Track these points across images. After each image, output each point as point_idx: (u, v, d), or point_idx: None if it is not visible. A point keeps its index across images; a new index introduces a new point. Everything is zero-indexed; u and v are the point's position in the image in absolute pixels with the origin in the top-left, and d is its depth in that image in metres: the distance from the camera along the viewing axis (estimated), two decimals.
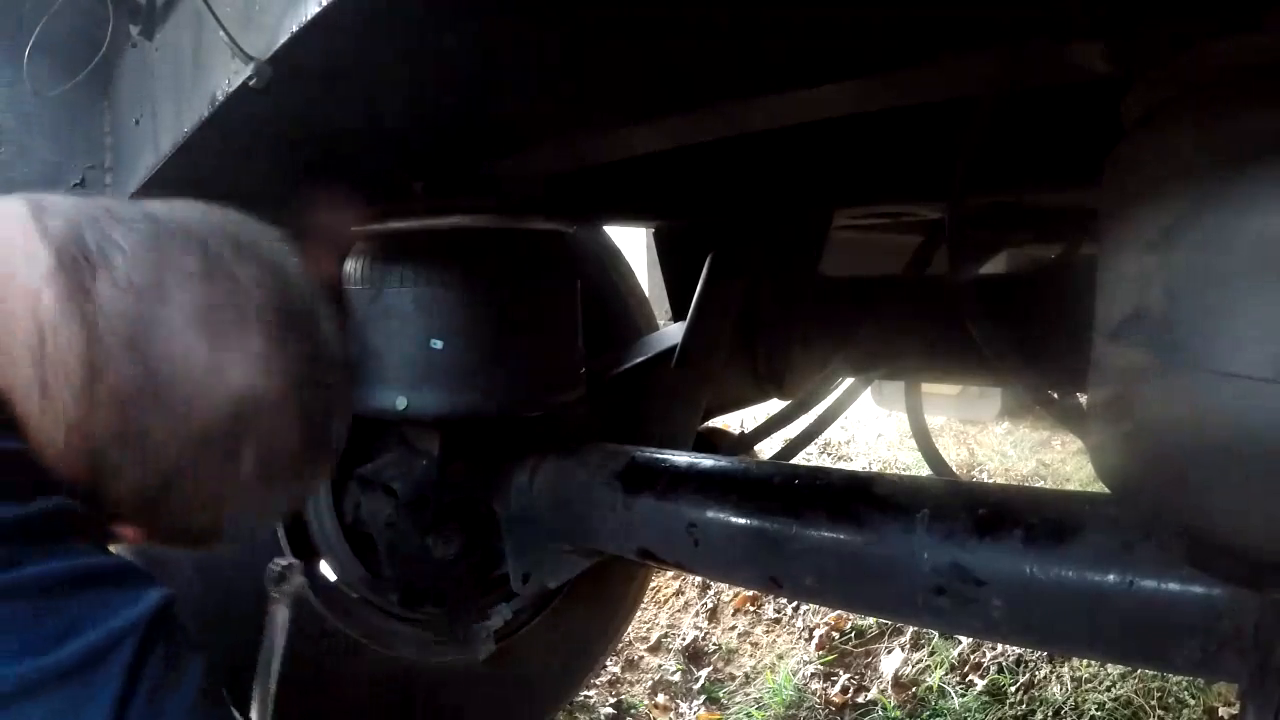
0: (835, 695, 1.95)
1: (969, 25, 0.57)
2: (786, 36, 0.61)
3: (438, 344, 0.96)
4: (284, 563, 0.82)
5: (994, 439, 3.22)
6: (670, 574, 2.34)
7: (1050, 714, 1.78)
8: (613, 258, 1.63)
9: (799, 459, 1.39)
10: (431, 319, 0.96)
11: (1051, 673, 1.88)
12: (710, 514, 0.90)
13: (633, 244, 2.19)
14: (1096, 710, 1.76)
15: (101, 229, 0.52)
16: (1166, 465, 0.53)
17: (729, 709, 1.97)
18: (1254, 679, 0.57)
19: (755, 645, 2.19)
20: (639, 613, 2.12)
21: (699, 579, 2.30)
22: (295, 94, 0.60)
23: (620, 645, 2.08)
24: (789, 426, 1.39)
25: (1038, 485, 2.77)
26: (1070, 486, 2.72)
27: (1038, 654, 1.91)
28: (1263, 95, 0.47)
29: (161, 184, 0.86)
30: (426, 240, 0.97)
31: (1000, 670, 1.91)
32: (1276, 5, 0.46)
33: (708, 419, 1.37)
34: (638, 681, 2.07)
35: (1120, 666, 1.78)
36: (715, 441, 1.39)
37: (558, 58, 0.66)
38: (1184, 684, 1.74)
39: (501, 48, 0.60)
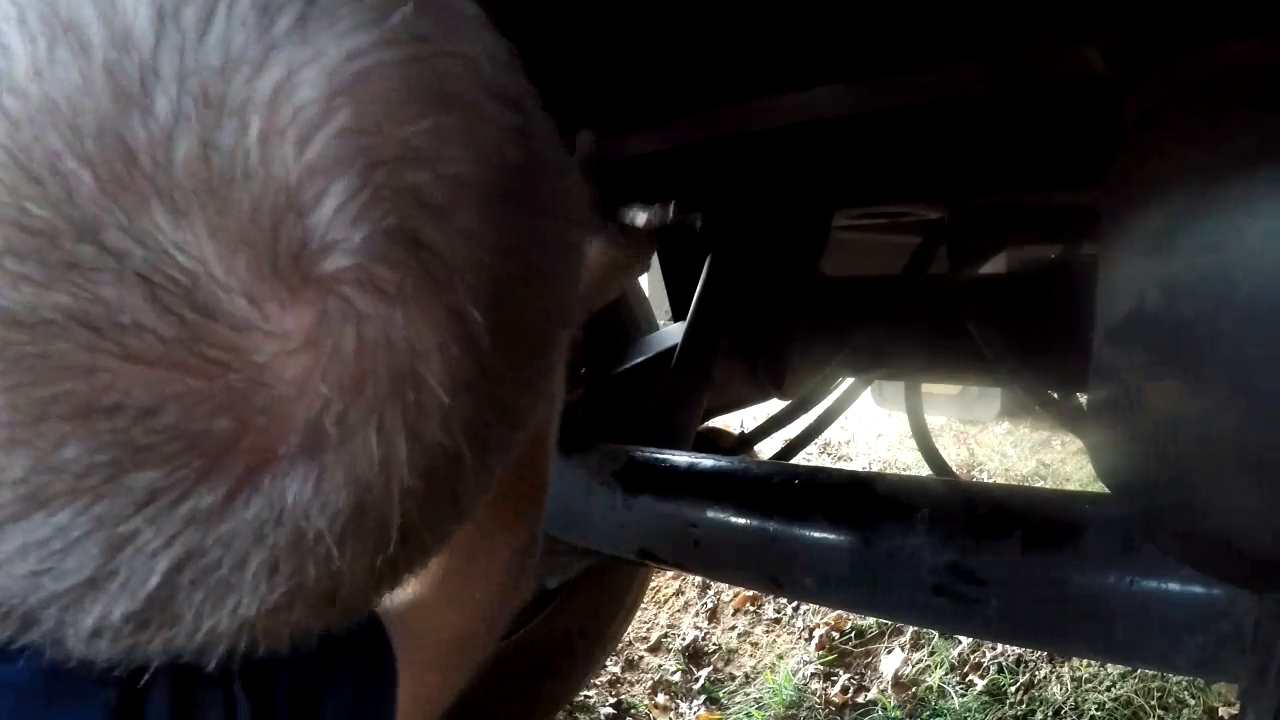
0: (835, 695, 1.95)
1: (970, 28, 0.58)
2: (788, 39, 0.61)
3: None
4: None
5: (994, 439, 3.22)
6: (670, 574, 2.34)
7: (1050, 714, 1.78)
8: None
9: (799, 459, 1.39)
10: None
11: (1051, 673, 1.88)
12: (710, 514, 0.90)
13: None
14: (1096, 710, 1.76)
15: None
16: (1166, 465, 0.53)
17: (729, 709, 1.97)
18: (1254, 679, 0.57)
19: (755, 645, 2.19)
20: (639, 613, 2.12)
21: (699, 579, 2.30)
22: None
23: (620, 645, 2.08)
24: (789, 426, 1.39)
25: (1038, 485, 2.77)
26: (1070, 486, 2.72)
27: (1038, 654, 1.91)
28: (1261, 97, 0.47)
29: None
30: None
31: (1000, 670, 1.91)
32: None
33: (708, 419, 1.37)
34: (638, 681, 2.07)
35: (1120, 666, 1.78)
36: (715, 441, 1.39)
37: (559, 64, 0.66)
38: (1184, 684, 1.74)
39: None
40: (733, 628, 2.24)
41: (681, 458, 1.00)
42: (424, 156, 0.24)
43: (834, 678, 2.01)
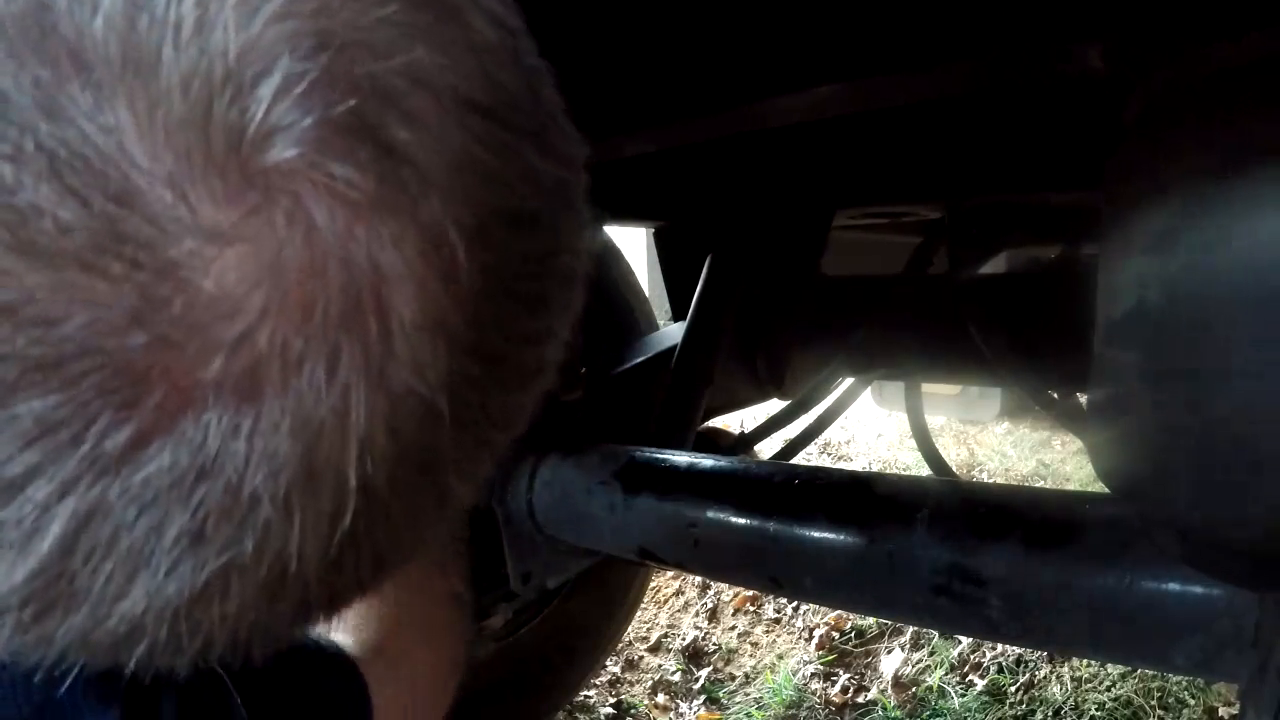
0: (835, 695, 1.95)
1: (969, 27, 0.58)
2: (788, 38, 0.61)
3: None
4: None
5: (994, 439, 3.22)
6: (670, 574, 2.34)
7: (1050, 714, 1.78)
8: (613, 257, 1.63)
9: (799, 459, 1.39)
10: None
11: (1051, 673, 1.88)
12: (710, 514, 0.90)
13: (633, 244, 2.19)
14: (1096, 710, 1.76)
15: None
16: (1166, 465, 0.53)
17: (729, 709, 1.97)
18: (1254, 679, 0.57)
19: (755, 645, 2.19)
20: (639, 613, 2.12)
21: (699, 579, 2.29)
22: None
23: (620, 645, 2.08)
24: (789, 426, 1.39)
25: (1038, 485, 2.77)
26: (1070, 486, 2.72)
27: (1038, 654, 1.91)
28: (1262, 96, 0.47)
29: None
30: None
31: (1000, 670, 1.91)
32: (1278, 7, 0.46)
33: (708, 419, 1.37)
34: (638, 681, 2.07)
35: (1120, 666, 1.78)
36: (715, 441, 1.39)
37: (557, 64, 0.66)
38: (1184, 684, 1.74)
39: None
40: (733, 628, 2.24)
41: (681, 458, 1.00)
42: (386, 48, 0.20)
43: (834, 678, 2.01)
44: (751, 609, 2.28)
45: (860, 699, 1.94)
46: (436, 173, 0.21)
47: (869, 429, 3.37)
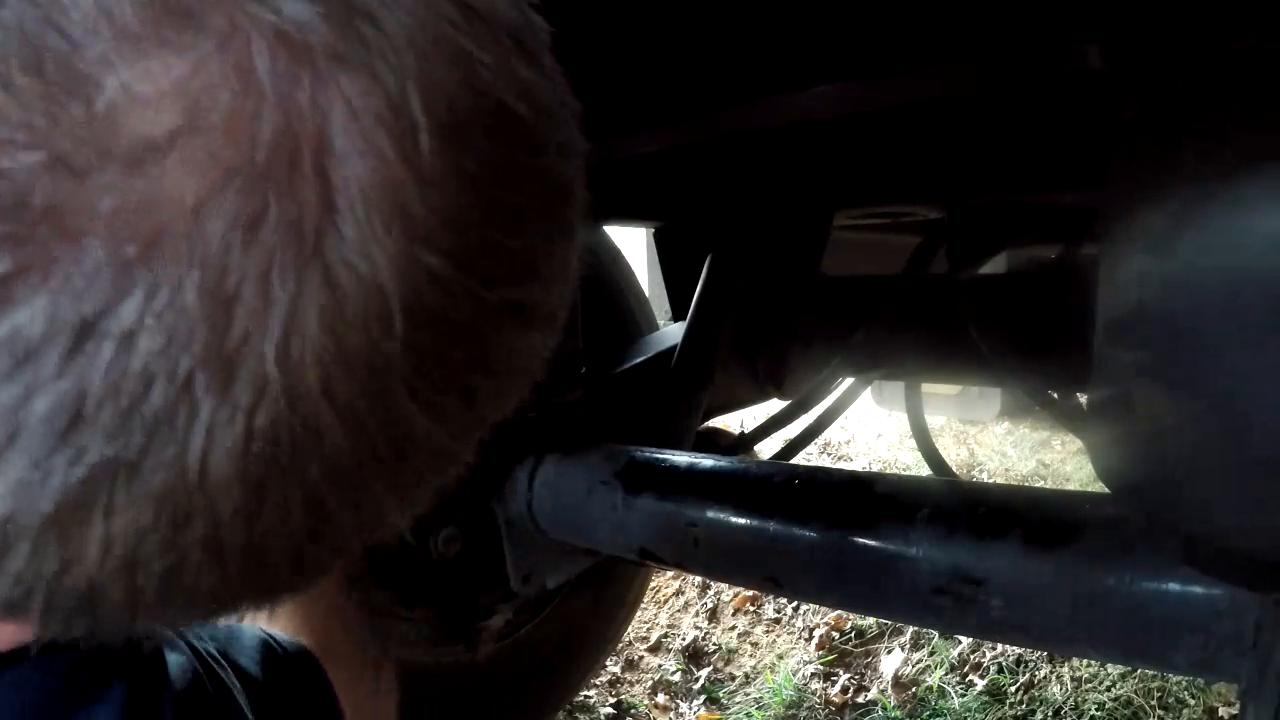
0: (835, 695, 1.95)
1: (969, 27, 0.58)
2: (788, 38, 0.61)
3: None
4: None
5: (994, 439, 3.22)
6: (670, 574, 2.34)
7: (1050, 714, 1.78)
8: (613, 257, 1.63)
9: (799, 459, 1.39)
10: None
11: (1051, 673, 1.88)
12: (710, 514, 0.90)
13: (633, 244, 2.19)
14: (1096, 710, 1.76)
15: None
16: (1166, 465, 0.53)
17: (729, 709, 1.97)
18: (1254, 679, 0.57)
19: (755, 645, 2.19)
20: (639, 613, 2.12)
21: (699, 579, 2.29)
22: None
23: (620, 645, 2.08)
24: (789, 426, 1.39)
25: (1038, 485, 2.77)
26: (1070, 486, 2.72)
27: (1038, 654, 1.91)
28: (1263, 96, 0.47)
29: None
30: None
31: (1000, 670, 1.91)
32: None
33: (708, 419, 1.37)
34: (638, 681, 2.07)
35: (1120, 666, 1.78)
36: (715, 441, 1.39)
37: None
38: (1184, 684, 1.74)
39: None
40: (733, 628, 2.24)
41: (681, 458, 1.00)
42: None
43: (834, 678, 2.01)
44: (751, 609, 2.28)
45: (860, 699, 1.94)
46: (403, 42, 0.18)
47: (869, 429, 3.37)
